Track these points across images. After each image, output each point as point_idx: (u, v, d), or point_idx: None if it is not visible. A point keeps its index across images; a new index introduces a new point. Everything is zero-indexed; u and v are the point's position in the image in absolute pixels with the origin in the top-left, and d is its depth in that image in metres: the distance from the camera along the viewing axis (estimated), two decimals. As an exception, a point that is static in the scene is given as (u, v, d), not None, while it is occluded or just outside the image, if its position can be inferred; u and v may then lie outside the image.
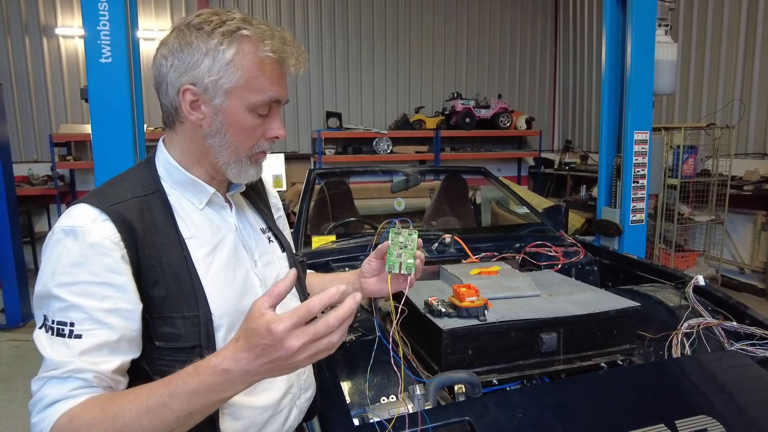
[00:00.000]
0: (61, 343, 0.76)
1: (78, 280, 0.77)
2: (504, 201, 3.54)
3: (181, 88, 0.85)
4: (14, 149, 5.21)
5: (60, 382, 0.75)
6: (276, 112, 0.92)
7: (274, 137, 0.93)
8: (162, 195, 0.90)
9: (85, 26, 2.66)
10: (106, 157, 2.72)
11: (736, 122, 4.93)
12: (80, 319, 0.76)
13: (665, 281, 1.87)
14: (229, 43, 0.84)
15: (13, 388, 3.24)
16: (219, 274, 0.90)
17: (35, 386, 0.76)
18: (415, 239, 0.98)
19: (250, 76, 0.85)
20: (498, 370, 1.29)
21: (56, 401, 0.74)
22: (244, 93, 0.86)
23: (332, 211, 2.85)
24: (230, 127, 0.88)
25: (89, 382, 0.76)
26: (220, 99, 0.86)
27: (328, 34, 6.81)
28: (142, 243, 0.82)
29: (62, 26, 5.89)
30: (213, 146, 0.89)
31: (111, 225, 0.80)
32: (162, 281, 0.83)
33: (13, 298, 4.22)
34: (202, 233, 0.91)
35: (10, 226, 4.17)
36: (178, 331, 0.83)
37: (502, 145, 7.57)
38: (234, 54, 0.84)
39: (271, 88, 0.88)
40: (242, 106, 0.86)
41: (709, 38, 5.28)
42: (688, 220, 4.80)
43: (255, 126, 0.89)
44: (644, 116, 3.28)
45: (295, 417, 1.00)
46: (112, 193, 0.85)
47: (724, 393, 1.19)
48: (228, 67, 0.84)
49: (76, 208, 0.82)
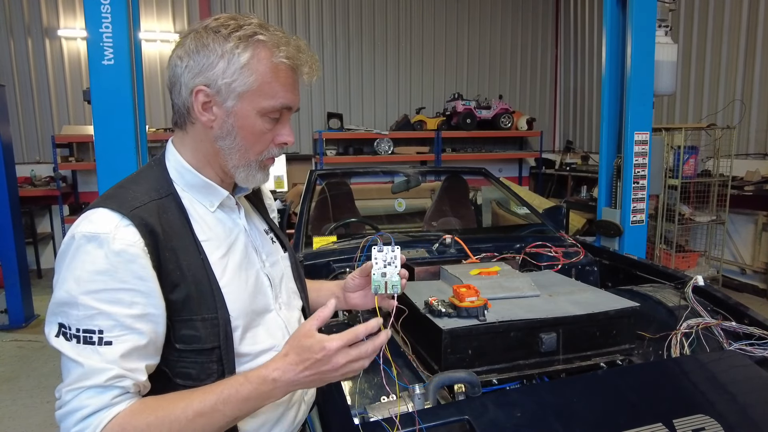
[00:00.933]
0: (91, 350, 0.75)
1: (105, 287, 0.77)
2: (505, 201, 3.55)
3: (194, 89, 0.86)
4: (17, 150, 5.23)
5: (100, 392, 0.74)
6: (287, 118, 0.93)
7: (283, 143, 0.93)
8: (176, 198, 0.90)
9: (88, 28, 2.67)
10: (108, 158, 2.74)
11: (737, 123, 4.93)
12: (109, 326, 0.76)
13: (665, 281, 1.88)
14: (245, 47, 0.85)
15: (15, 388, 3.26)
16: (234, 275, 0.91)
17: (67, 396, 0.75)
18: (398, 256, 0.96)
19: (264, 81, 0.86)
20: (498, 370, 1.29)
21: (97, 411, 0.74)
22: (256, 97, 0.86)
23: (333, 212, 2.86)
24: (241, 130, 0.88)
25: (127, 389, 0.77)
26: (232, 102, 0.86)
27: (330, 35, 6.83)
28: (162, 247, 0.82)
29: (65, 28, 5.91)
30: (223, 148, 0.90)
31: (134, 230, 0.80)
32: (182, 284, 0.84)
33: (15, 298, 4.24)
34: (216, 236, 0.92)
35: (12, 227, 4.19)
36: (198, 333, 0.84)
37: (503, 145, 7.57)
38: (249, 58, 0.85)
39: (284, 95, 0.88)
40: (254, 110, 0.87)
41: (710, 38, 5.28)
42: (689, 221, 4.80)
43: (265, 131, 0.90)
44: (644, 117, 3.29)
45: (303, 412, 1.03)
46: (130, 196, 0.84)
47: (723, 392, 1.20)
48: (242, 70, 0.85)
49: (96, 213, 0.81)
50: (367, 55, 6.99)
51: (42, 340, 4.02)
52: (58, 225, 5.98)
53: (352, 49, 6.93)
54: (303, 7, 6.70)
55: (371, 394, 1.15)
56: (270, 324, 0.97)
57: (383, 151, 6.63)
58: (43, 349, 3.84)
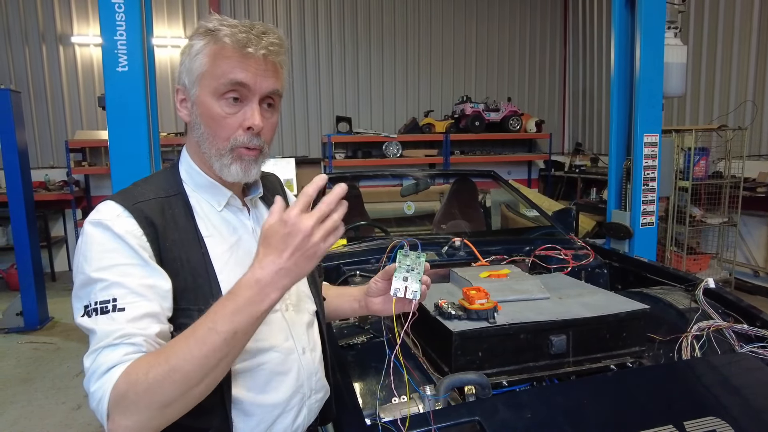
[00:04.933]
0: (107, 318, 0.79)
1: (115, 263, 0.82)
2: (514, 204, 3.55)
3: (176, 89, 0.96)
4: (31, 155, 5.31)
5: (112, 349, 0.77)
6: (251, 100, 0.92)
7: (249, 127, 0.92)
8: (183, 197, 0.96)
9: (103, 36, 2.72)
10: (122, 162, 2.78)
11: (749, 124, 4.89)
12: (122, 294, 0.80)
13: (675, 284, 1.87)
14: (199, 38, 0.92)
15: (31, 389, 3.31)
16: (233, 272, 0.93)
17: (87, 361, 0.78)
18: (422, 263, 0.96)
19: (210, 62, 0.90)
20: (508, 372, 1.30)
21: (112, 367, 0.76)
22: (207, 80, 0.91)
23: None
24: (202, 116, 0.92)
25: (139, 346, 0.78)
26: (193, 90, 0.93)
27: (338, 39, 6.87)
28: (162, 238, 0.88)
29: (78, 35, 6.01)
30: (199, 140, 0.95)
31: (133, 221, 0.86)
32: (181, 274, 0.88)
33: (30, 301, 4.30)
34: (219, 233, 0.96)
35: (28, 230, 4.26)
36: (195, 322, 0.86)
37: (512, 148, 7.56)
38: (201, 46, 0.91)
39: (231, 71, 0.89)
40: (208, 93, 0.91)
41: (721, 39, 5.24)
42: (700, 223, 4.76)
43: (225, 115, 0.91)
44: (654, 119, 3.28)
45: (304, 417, 1.02)
46: (137, 193, 0.92)
47: (734, 395, 1.19)
48: (195, 57, 0.91)
49: (104, 204, 0.89)
50: (375, 59, 7.02)
51: (57, 342, 4.08)
52: (71, 228, 6.06)
53: (361, 53, 6.97)
54: (312, 10, 6.75)
55: (382, 395, 1.17)
56: (273, 324, 0.98)
57: (392, 155, 6.65)
58: (57, 351, 3.90)
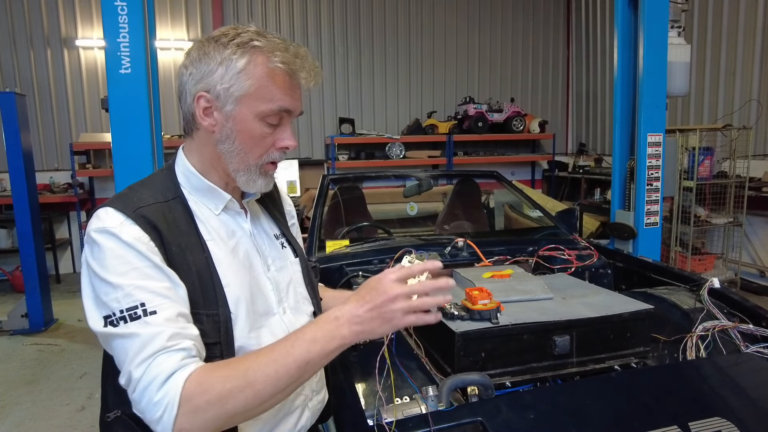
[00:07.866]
0: (140, 323, 0.78)
1: (131, 267, 0.81)
2: (517, 205, 3.54)
3: (196, 95, 0.91)
4: (36, 158, 5.33)
5: (167, 356, 0.76)
6: (287, 122, 0.95)
7: (284, 147, 0.95)
8: (182, 200, 0.94)
9: (106, 38, 2.73)
10: (125, 164, 2.79)
11: (754, 123, 4.86)
12: (149, 298, 0.79)
13: (680, 284, 1.86)
14: (242, 54, 0.88)
15: (36, 390, 3.32)
16: (234, 276, 0.93)
17: (137, 372, 0.76)
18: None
19: (260, 85, 0.89)
20: (511, 372, 1.29)
21: (172, 373, 0.75)
22: (253, 101, 0.89)
23: (346, 216, 2.88)
24: (239, 133, 0.91)
25: (190, 350, 0.79)
26: (230, 106, 0.90)
27: (341, 41, 6.88)
28: (168, 242, 0.87)
29: (82, 38, 6.05)
30: (224, 152, 0.93)
31: (138, 228, 0.84)
32: (189, 279, 0.87)
33: (35, 303, 4.32)
34: (219, 236, 0.95)
35: (33, 233, 4.28)
36: (203, 327, 0.87)
37: (515, 148, 7.54)
38: (245, 63, 0.88)
39: (281, 98, 0.91)
40: (251, 114, 0.90)
41: (725, 38, 5.22)
42: (704, 223, 4.73)
43: (264, 135, 0.92)
44: (657, 118, 3.27)
45: (307, 418, 1.04)
46: (135, 198, 0.89)
47: (740, 395, 1.18)
48: (239, 75, 0.88)
49: (104, 211, 0.86)
50: (378, 60, 7.03)
51: (61, 344, 4.09)
52: (75, 231, 6.10)
53: (364, 54, 6.98)
54: (315, 12, 6.76)
55: (385, 396, 1.16)
56: (274, 327, 0.98)
57: (395, 156, 6.64)
58: (62, 353, 3.91)
